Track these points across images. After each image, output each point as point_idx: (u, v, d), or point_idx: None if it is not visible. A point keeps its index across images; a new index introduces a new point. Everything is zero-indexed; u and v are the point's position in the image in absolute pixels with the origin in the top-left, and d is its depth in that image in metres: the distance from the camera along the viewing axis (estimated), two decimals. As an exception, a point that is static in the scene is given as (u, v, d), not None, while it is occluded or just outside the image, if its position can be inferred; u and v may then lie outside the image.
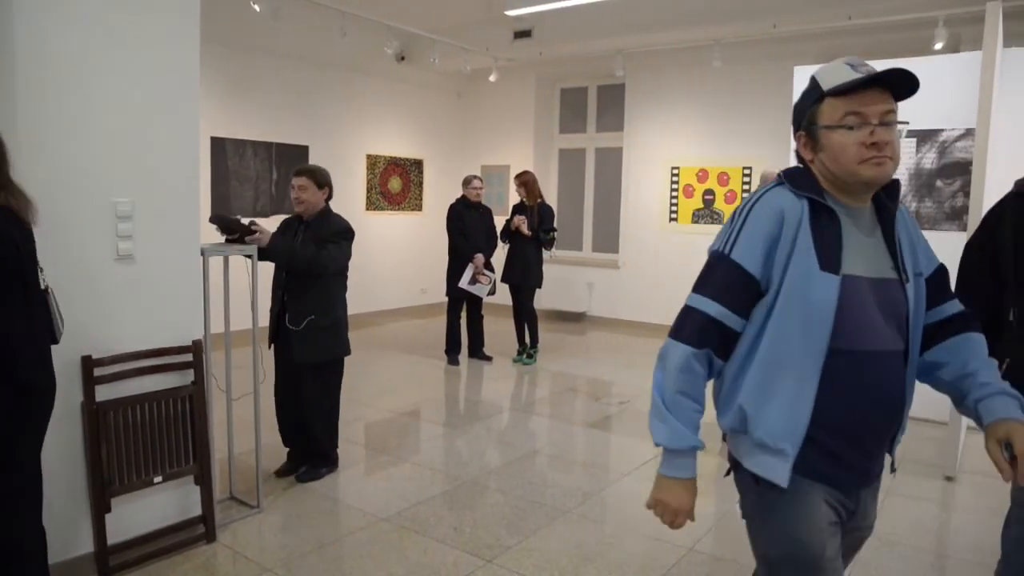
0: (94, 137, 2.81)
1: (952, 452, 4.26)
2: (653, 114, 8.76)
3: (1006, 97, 4.83)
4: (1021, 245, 1.99)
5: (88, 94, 2.78)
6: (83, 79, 2.76)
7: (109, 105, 2.85)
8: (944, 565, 3.31)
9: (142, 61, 2.94)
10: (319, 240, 3.84)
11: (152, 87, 2.98)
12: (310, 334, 3.82)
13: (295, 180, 3.91)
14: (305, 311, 3.81)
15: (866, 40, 7.05)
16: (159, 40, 2.99)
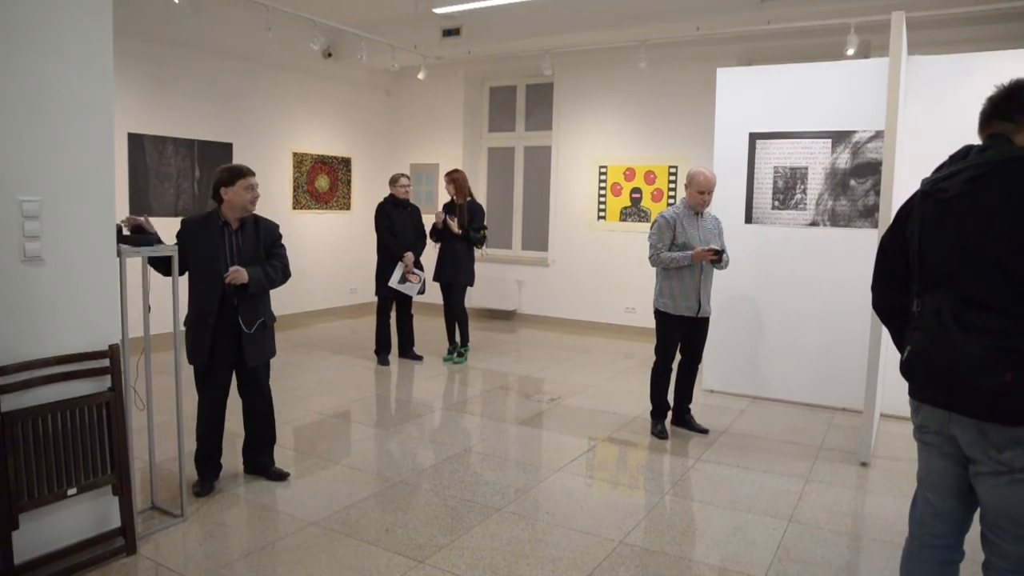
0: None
1: (866, 439, 4.46)
2: (581, 113, 8.86)
3: (912, 101, 5.08)
4: (924, 241, 2.08)
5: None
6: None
7: (13, 101, 2.71)
8: (859, 547, 3.46)
9: (50, 55, 2.80)
10: (266, 247, 3.83)
11: (61, 81, 2.85)
12: (259, 335, 3.81)
13: (254, 180, 3.73)
14: (257, 314, 3.79)
15: (784, 44, 7.31)
16: (68, 33, 2.86)
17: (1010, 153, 1.96)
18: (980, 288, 1.93)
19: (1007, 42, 5.84)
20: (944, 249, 2.02)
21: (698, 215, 4.75)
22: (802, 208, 5.67)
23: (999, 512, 1.98)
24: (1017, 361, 1.83)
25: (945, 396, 1.99)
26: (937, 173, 2.12)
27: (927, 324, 2.01)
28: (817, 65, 5.82)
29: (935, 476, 2.16)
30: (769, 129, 5.75)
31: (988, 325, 1.88)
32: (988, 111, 2.08)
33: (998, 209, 1.91)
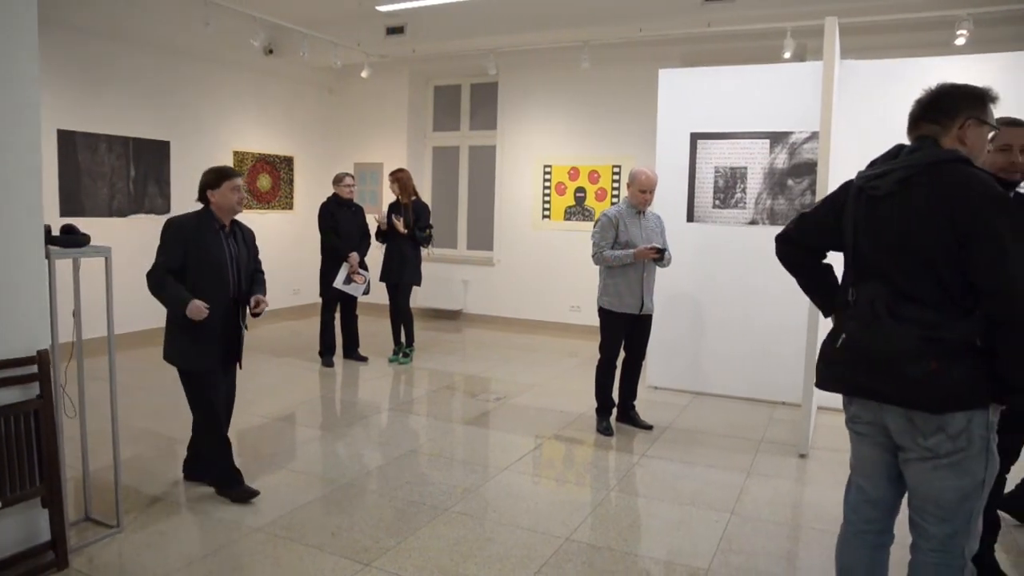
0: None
1: (804, 432, 4.59)
2: (526, 113, 8.89)
3: (845, 103, 5.23)
4: (858, 235, 2.16)
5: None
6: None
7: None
8: (799, 536, 3.55)
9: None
10: (252, 252, 3.83)
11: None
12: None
13: (240, 181, 3.66)
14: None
15: (724, 47, 7.45)
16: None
17: (936, 156, 2.04)
18: (910, 282, 2.02)
19: (934, 48, 6.09)
20: (877, 244, 2.10)
21: (640, 214, 4.81)
22: (742, 207, 5.79)
23: (925, 496, 2.08)
24: (943, 351, 1.92)
25: (877, 384, 2.06)
26: (871, 169, 2.20)
27: (862, 314, 2.08)
28: (756, 67, 5.96)
29: (867, 464, 2.25)
30: (710, 129, 5.86)
31: (918, 316, 1.97)
32: (917, 113, 2.17)
33: (925, 210, 1.99)
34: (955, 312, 1.96)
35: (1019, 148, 2.67)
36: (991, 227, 1.91)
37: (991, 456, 2.03)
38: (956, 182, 1.98)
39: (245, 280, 3.72)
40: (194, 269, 3.53)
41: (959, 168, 2.01)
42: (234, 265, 3.65)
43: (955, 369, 1.93)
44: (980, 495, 2.04)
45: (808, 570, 3.20)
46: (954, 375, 1.93)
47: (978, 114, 2.10)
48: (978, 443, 2.00)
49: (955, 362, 1.93)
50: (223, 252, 3.61)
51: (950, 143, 2.09)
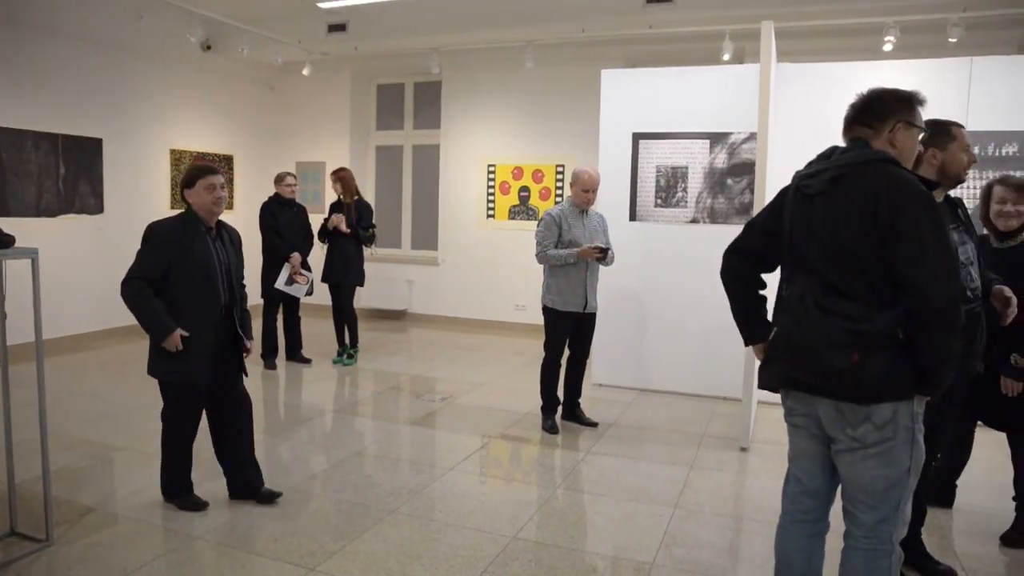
0: None
1: (745, 426, 4.70)
2: (469, 112, 8.88)
3: (782, 105, 5.38)
4: (793, 234, 2.25)
5: None
6: None
7: None
8: (740, 527, 3.64)
9: None
10: (240, 249, 3.66)
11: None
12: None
13: (215, 179, 3.40)
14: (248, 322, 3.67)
15: (665, 48, 7.57)
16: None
17: (865, 156, 2.14)
18: (838, 277, 2.09)
19: (864, 53, 6.31)
20: (809, 240, 2.18)
21: (584, 213, 4.86)
22: (683, 206, 5.90)
23: (855, 485, 2.16)
24: (864, 343, 2.00)
25: (806, 375, 2.13)
26: (807, 169, 2.29)
27: (793, 307, 2.17)
28: (696, 69, 6.08)
29: (804, 456, 2.32)
30: (651, 129, 5.96)
31: (843, 310, 2.04)
32: (851, 117, 2.26)
33: (853, 207, 2.07)
34: (878, 305, 2.03)
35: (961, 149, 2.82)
36: (912, 224, 1.99)
37: (917, 445, 2.11)
38: (881, 181, 2.06)
39: (236, 285, 3.53)
40: (180, 277, 3.31)
41: (885, 168, 2.10)
42: (223, 270, 3.44)
43: (877, 360, 2.00)
44: (906, 483, 2.13)
45: (749, 560, 3.28)
46: (877, 366, 2.00)
47: (907, 117, 2.19)
48: (903, 433, 2.08)
49: (877, 354, 2.00)
50: (211, 257, 3.39)
51: (880, 145, 2.17)
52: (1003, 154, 5.14)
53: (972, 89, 5.18)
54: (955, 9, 6.06)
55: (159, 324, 3.26)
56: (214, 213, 3.42)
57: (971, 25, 6.12)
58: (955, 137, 2.79)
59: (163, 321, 3.26)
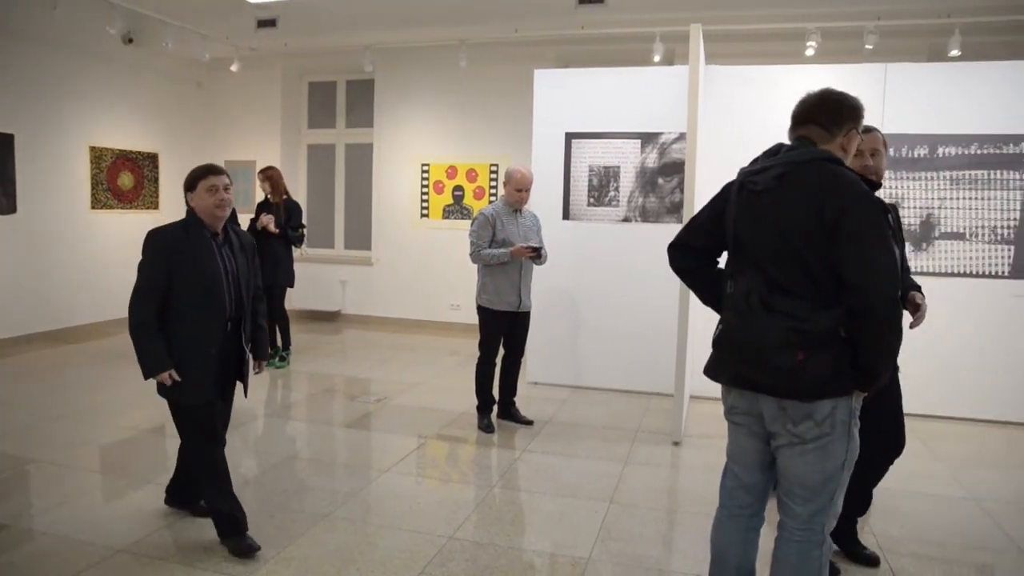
0: None
1: (678, 420, 4.80)
2: (403, 111, 8.81)
3: (711, 106, 5.52)
4: (738, 228, 2.26)
5: None
6: None
7: None
8: (674, 520, 3.72)
9: None
10: (253, 263, 3.35)
11: None
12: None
13: (218, 180, 3.10)
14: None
15: (597, 49, 7.67)
16: None
17: (811, 155, 2.17)
18: (783, 275, 2.12)
19: (788, 57, 6.52)
20: (754, 237, 2.20)
21: (517, 212, 4.88)
22: (615, 205, 5.99)
23: (792, 478, 2.21)
24: (808, 342, 2.03)
25: (751, 373, 2.16)
26: (752, 166, 2.30)
27: (738, 305, 2.17)
28: (627, 70, 6.17)
29: (742, 453, 2.37)
30: (584, 129, 6.03)
31: (788, 309, 2.07)
32: (803, 115, 2.28)
33: (798, 205, 2.10)
34: (821, 304, 2.06)
35: (869, 152, 2.92)
36: (856, 223, 2.03)
37: (852, 440, 2.18)
38: (827, 180, 2.09)
39: (246, 296, 3.21)
40: (182, 287, 3.01)
41: (831, 167, 2.14)
42: (230, 280, 3.13)
43: (820, 359, 2.04)
44: (841, 476, 2.20)
45: (683, 552, 3.36)
46: (819, 365, 2.04)
47: (857, 124, 2.27)
48: (840, 428, 2.14)
49: (820, 352, 2.04)
50: (216, 265, 3.07)
51: (831, 147, 2.22)
52: (915, 156, 5.39)
53: (887, 94, 5.41)
54: (871, 18, 6.32)
55: (150, 363, 3.00)
56: (217, 217, 3.10)
57: (885, 33, 6.39)
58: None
59: (155, 361, 3.00)
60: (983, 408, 5.36)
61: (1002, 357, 5.34)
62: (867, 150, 2.92)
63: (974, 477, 4.28)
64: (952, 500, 3.88)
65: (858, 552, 3.19)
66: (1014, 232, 5.33)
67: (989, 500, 3.98)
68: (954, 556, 3.25)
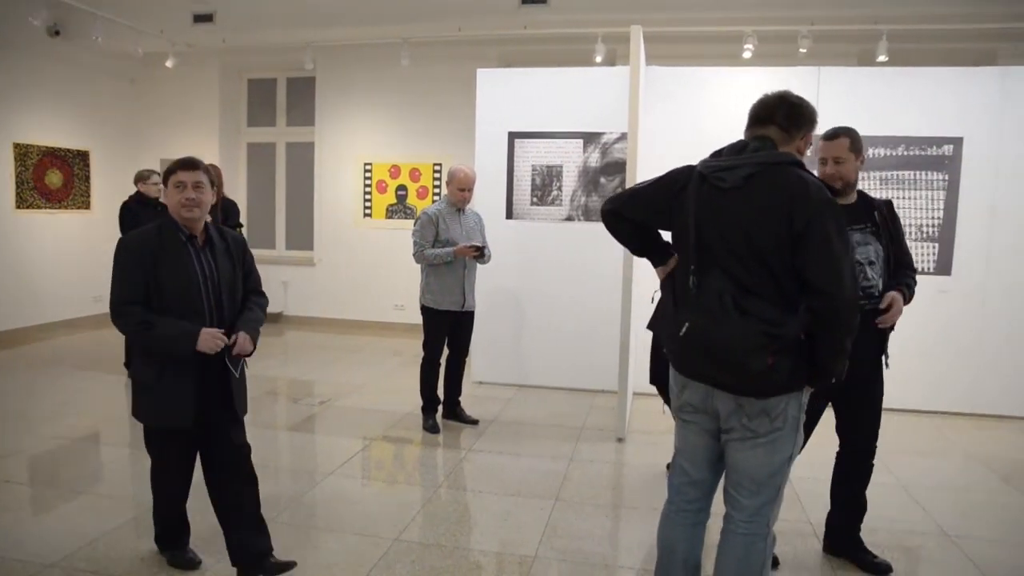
0: None
1: (621, 417, 4.86)
2: (345, 109, 8.71)
3: (652, 106, 5.60)
4: (701, 223, 2.24)
5: None
6: None
7: None
8: (619, 515, 3.77)
9: None
10: (242, 265, 2.98)
11: None
12: (243, 378, 2.98)
13: (186, 175, 2.77)
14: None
15: (540, 49, 7.71)
16: None
17: (779, 158, 2.20)
18: (750, 277, 2.14)
19: (727, 59, 6.67)
20: (721, 237, 2.19)
21: (460, 212, 4.88)
22: (558, 204, 6.03)
23: (742, 471, 2.26)
24: (780, 348, 2.06)
25: (719, 374, 2.16)
26: (716, 160, 2.28)
27: (710, 306, 2.14)
28: (570, 70, 6.23)
29: (692, 449, 2.40)
30: (527, 129, 6.06)
31: (761, 312, 2.08)
32: (763, 115, 2.30)
33: (766, 207, 2.13)
34: (786, 307, 2.10)
35: (832, 159, 2.98)
36: (823, 229, 2.07)
37: (799, 433, 2.25)
38: (795, 185, 2.12)
39: (229, 304, 2.87)
40: (156, 298, 2.70)
41: (798, 172, 2.16)
42: (209, 286, 2.80)
43: (786, 361, 2.08)
44: (786, 470, 2.27)
45: (629, 548, 3.40)
46: (785, 366, 2.08)
47: (812, 129, 2.33)
48: (791, 423, 2.21)
49: (787, 356, 2.08)
50: (192, 271, 2.76)
51: (790, 149, 2.26)
52: (847, 156, 5.56)
53: (820, 96, 5.57)
54: (804, 22, 6.51)
55: (178, 333, 2.69)
56: (185, 218, 2.77)
57: (818, 38, 6.59)
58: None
59: (180, 327, 2.69)
60: (911, 398, 5.57)
61: (928, 349, 5.56)
62: (830, 157, 2.98)
63: (902, 464, 4.45)
64: (883, 487, 4.02)
65: (867, 560, 3.17)
66: (938, 230, 5.56)
67: (917, 486, 4.16)
68: (884, 541, 3.36)
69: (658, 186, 2.40)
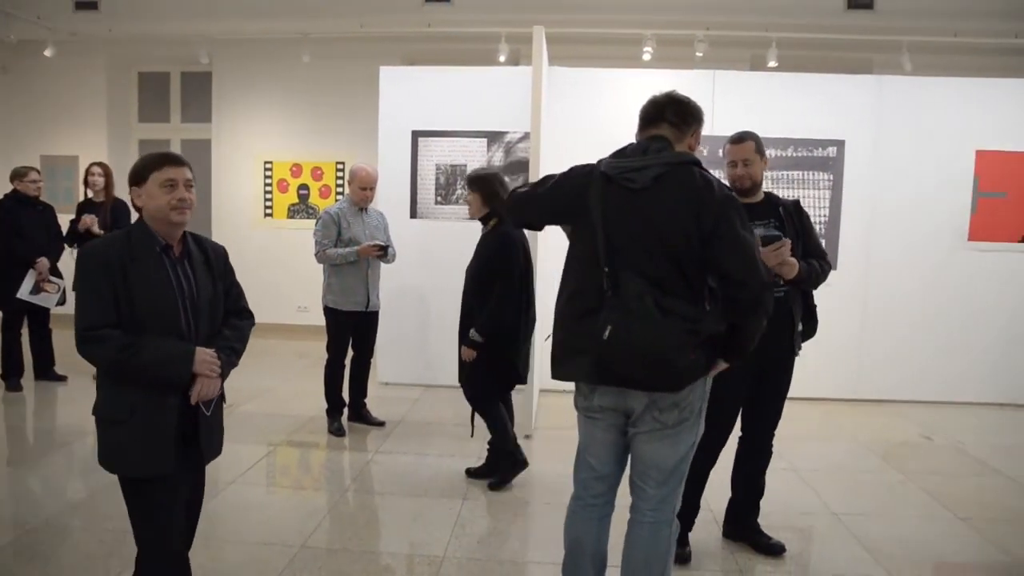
0: None
1: (528, 413, 4.91)
2: (244, 106, 8.43)
3: (554, 106, 5.67)
4: (611, 225, 2.24)
5: None
6: None
7: None
8: (528, 512, 3.82)
9: None
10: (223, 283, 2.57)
11: None
12: (217, 415, 2.53)
13: (178, 172, 2.32)
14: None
15: (444, 47, 7.68)
16: None
17: (682, 158, 2.25)
18: (664, 276, 2.17)
19: (628, 61, 6.83)
20: (633, 238, 2.21)
21: (363, 211, 4.82)
22: (463, 203, 6.03)
23: (649, 462, 2.32)
24: (700, 343, 2.15)
25: (644, 374, 2.16)
26: (622, 161, 2.28)
27: (631, 307, 2.15)
28: (473, 69, 6.24)
29: (599, 445, 2.43)
30: (430, 128, 6.03)
31: (681, 311, 2.13)
32: (654, 114, 2.35)
33: (676, 208, 2.17)
34: (702, 305, 2.18)
35: (741, 162, 3.10)
36: (730, 225, 2.15)
37: (702, 421, 2.34)
38: (702, 185, 2.18)
39: (209, 326, 2.42)
40: (127, 319, 2.23)
41: (700, 172, 2.22)
42: (188, 304, 2.33)
43: (703, 355, 2.16)
44: (689, 458, 2.35)
45: (537, 543, 3.45)
46: (703, 360, 2.16)
47: (700, 127, 2.40)
48: (696, 411, 2.29)
49: (704, 349, 2.17)
50: (168, 289, 2.29)
51: (682, 146, 2.33)
52: (741, 157, 5.81)
53: (715, 98, 5.79)
54: (700, 27, 6.76)
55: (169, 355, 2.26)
56: (174, 224, 2.31)
57: (714, 42, 6.85)
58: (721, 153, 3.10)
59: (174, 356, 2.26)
60: (801, 387, 5.80)
61: (816, 339, 5.84)
62: (739, 160, 3.10)
63: (794, 450, 4.68)
64: (776, 472, 4.19)
65: (762, 543, 3.34)
66: (825, 227, 5.87)
67: (807, 470, 4.39)
68: (778, 523, 3.53)
69: (557, 190, 2.39)
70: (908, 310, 5.98)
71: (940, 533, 3.62)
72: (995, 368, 6.02)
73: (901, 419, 5.62)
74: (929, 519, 3.78)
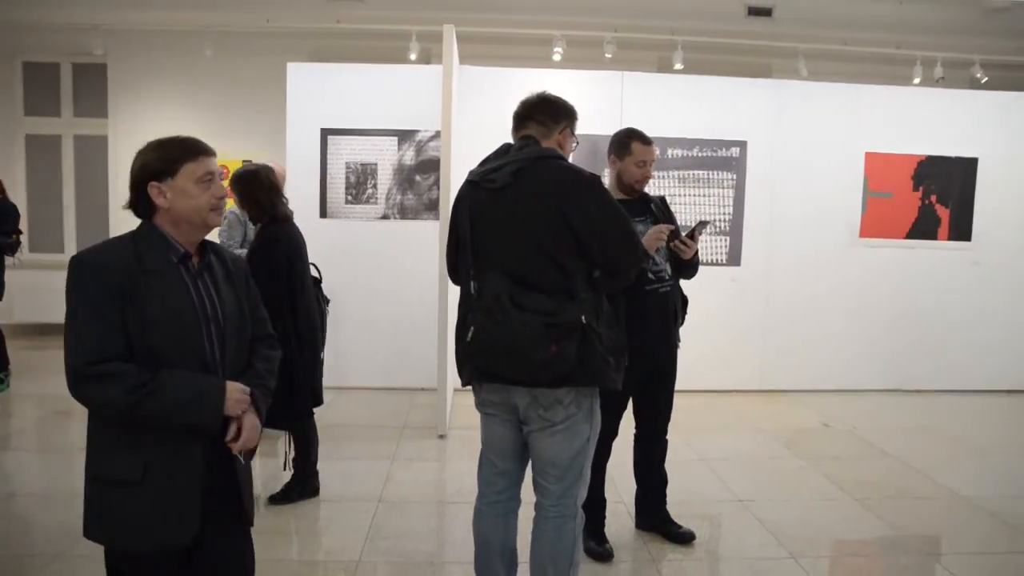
0: None
1: (442, 413, 4.90)
2: (143, 101, 8.04)
3: (465, 105, 5.67)
4: (476, 228, 2.32)
5: None
6: None
7: None
8: (442, 512, 3.80)
9: None
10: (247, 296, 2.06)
11: None
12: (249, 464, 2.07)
13: (212, 163, 1.94)
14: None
15: (354, 44, 7.56)
16: None
17: (541, 152, 2.31)
18: (528, 270, 2.22)
19: (539, 61, 6.90)
20: (497, 236, 2.27)
21: (272, 211, 4.68)
22: (373, 202, 5.97)
23: (545, 459, 2.35)
24: (561, 335, 2.15)
25: (507, 370, 2.23)
26: (483, 166, 2.38)
27: (490, 308, 2.20)
28: (384, 67, 6.18)
29: (498, 441, 2.47)
30: (340, 126, 5.93)
31: (538, 305, 2.16)
32: (524, 114, 2.42)
33: (539, 202, 2.23)
34: (567, 295, 2.20)
35: (650, 163, 3.18)
36: (598, 210, 2.23)
37: (595, 417, 2.38)
38: (564, 176, 2.25)
39: (236, 353, 1.95)
40: (137, 344, 1.78)
41: (559, 163, 2.31)
42: (213, 326, 1.89)
43: (569, 348, 2.17)
44: (587, 452, 2.38)
45: (453, 543, 3.44)
46: (568, 353, 2.17)
47: (571, 124, 2.45)
48: (585, 407, 2.32)
49: (569, 342, 2.17)
50: (190, 305, 1.86)
51: (550, 143, 2.38)
52: (648, 157, 5.96)
53: (624, 99, 5.91)
54: (609, 29, 6.89)
55: (207, 404, 1.81)
56: (209, 228, 1.95)
57: (622, 44, 6.99)
58: (631, 152, 3.16)
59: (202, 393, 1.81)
60: (707, 379, 6.05)
61: (724, 334, 6.08)
62: (648, 160, 3.18)
63: (701, 440, 4.85)
64: (685, 463, 4.35)
65: (673, 531, 3.42)
66: (729, 225, 6.09)
67: (714, 459, 4.55)
68: (687, 512, 3.63)
69: (451, 222, 2.48)
70: (806, 304, 6.26)
71: (837, 514, 3.81)
72: (885, 356, 6.38)
73: (802, 407, 5.89)
74: (828, 501, 3.97)
